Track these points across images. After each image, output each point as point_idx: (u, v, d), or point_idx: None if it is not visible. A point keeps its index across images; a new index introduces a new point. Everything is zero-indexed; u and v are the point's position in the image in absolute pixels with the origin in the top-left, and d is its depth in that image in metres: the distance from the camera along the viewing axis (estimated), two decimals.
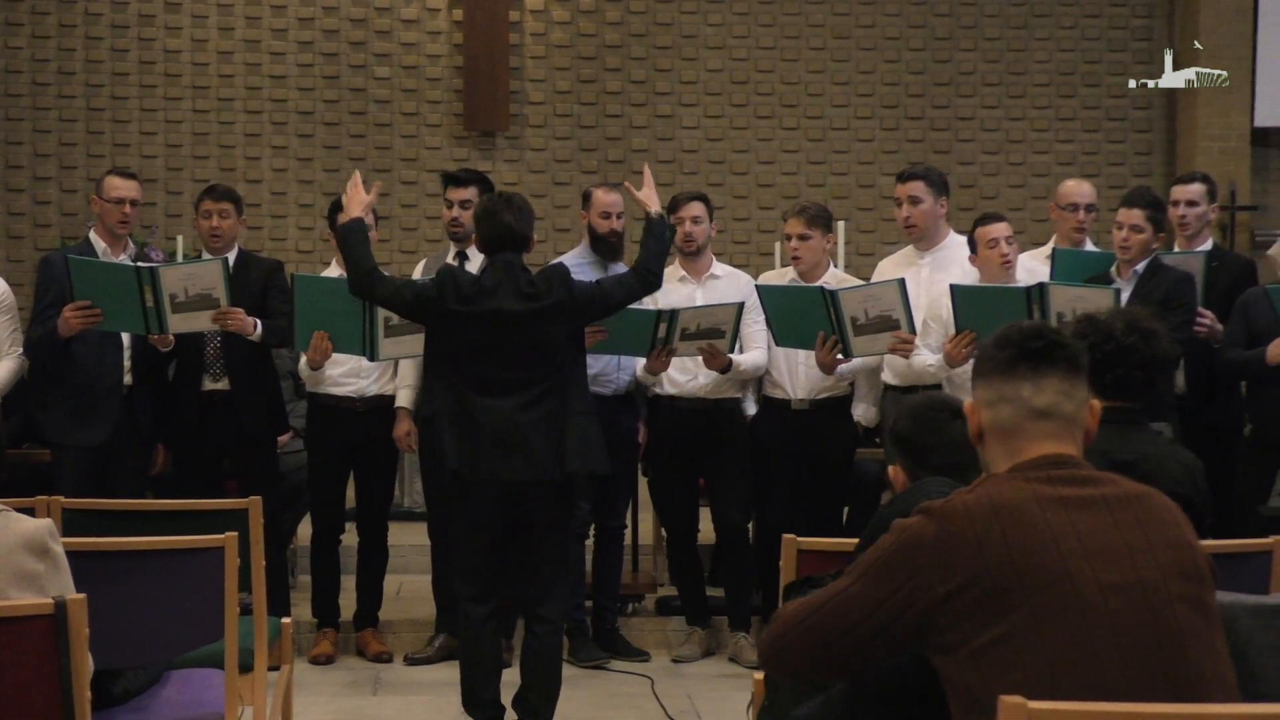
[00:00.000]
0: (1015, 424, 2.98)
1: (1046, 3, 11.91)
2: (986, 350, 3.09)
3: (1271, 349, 6.65)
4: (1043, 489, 2.87)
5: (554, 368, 5.81)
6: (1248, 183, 11.68)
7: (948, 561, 2.81)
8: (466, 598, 5.90)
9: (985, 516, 2.83)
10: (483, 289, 5.79)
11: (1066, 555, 2.78)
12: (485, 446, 5.71)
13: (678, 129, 11.72)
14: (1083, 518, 2.83)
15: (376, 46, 11.57)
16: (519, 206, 5.94)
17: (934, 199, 7.25)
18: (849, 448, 7.47)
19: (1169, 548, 2.85)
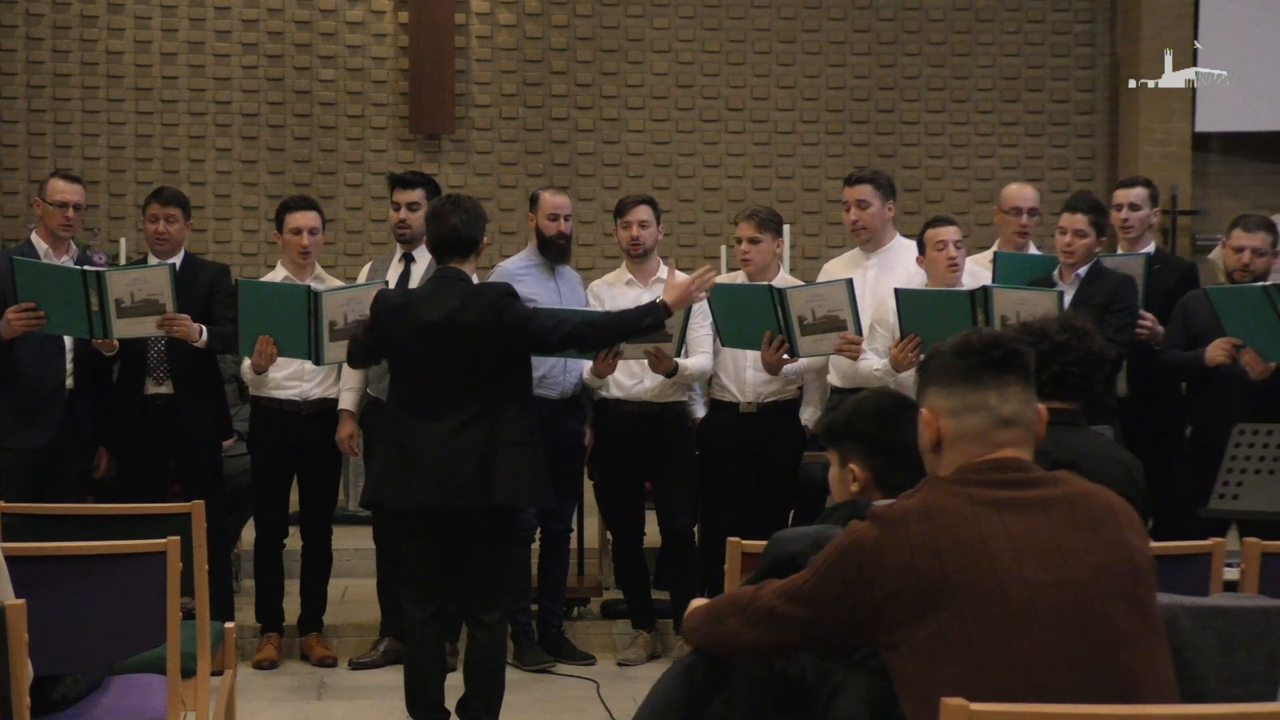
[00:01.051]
0: (982, 432, 3.02)
1: (990, 8, 11.97)
2: (945, 359, 3.09)
3: (1210, 351, 6.69)
4: (979, 492, 2.93)
5: (486, 391, 5.77)
6: (1189, 187, 11.78)
7: (882, 566, 2.90)
8: (409, 601, 5.90)
9: (919, 521, 2.90)
10: (409, 304, 5.80)
11: (994, 555, 2.83)
12: (416, 474, 5.71)
13: (624, 132, 11.73)
14: (1015, 519, 2.88)
15: (321, 49, 11.53)
16: (468, 209, 5.92)
17: (881, 202, 7.28)
18: (796, 451, 7.48)
19: (1105, 547, 2.89)
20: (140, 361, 7.15)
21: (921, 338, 6.57)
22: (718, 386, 7.43)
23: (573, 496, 7.65)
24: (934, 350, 3.17)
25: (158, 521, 4.96)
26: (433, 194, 7.37)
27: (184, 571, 4.58)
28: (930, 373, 3.12)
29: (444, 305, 5.75)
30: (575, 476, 7.64)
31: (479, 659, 5.89)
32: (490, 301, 5.81)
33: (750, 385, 7.33)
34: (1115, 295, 6.83)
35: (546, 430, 7.09)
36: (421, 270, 7.28)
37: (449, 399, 5.74)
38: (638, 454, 7.37)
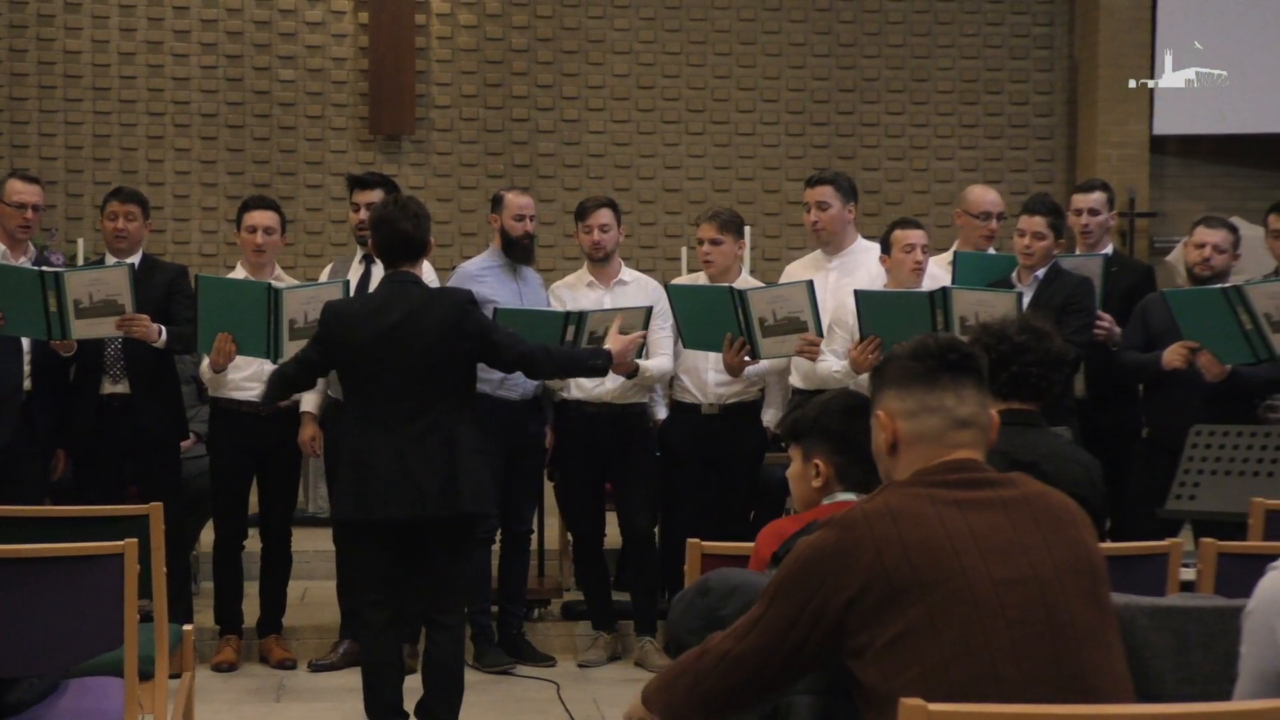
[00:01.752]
0: (939, 433, 3.03)
1: (949, 10, 12.01)
2: (901, 362, 3.11)
3: (1167, 355, 6.73)
4: (939, 493, 2.93)
5: (443, 398, 5.77)
6: (1146, 190, 11.83)
7: (848, 568, 2.87)
8: (366, 605, 5.88)
9: (883, 521, 2.89)
10: (366, 310, 5.78)
11: (961, 552, 2.84)
12: (375, 486, 5.69)
13: (584, 133, 11.72)
14: (978, 518, 2.89)
15: (281, 49, 11.50)
16: (415, 212, 5.90)
17: (842, 204, 7.30)
18: (757, 453, 7.50)
19: (1064, 545, 2.91)
20: (97, 360, 7.12)
21: (881, 339, 6.59)
22: (679, 388, 7.44)
23: (533, 498, 7.65)
24: (889, 355, 3.18)
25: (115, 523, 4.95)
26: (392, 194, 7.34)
27: (142, 574, 4.57)
28: (886, 376, 3.13)
29: (403, 310, 5.73)
30: (536, 478, 7.65)
31: (438, 660, 5.88)
32: (451, 307, 5.81)
33: (711, 387, 7.34)
34: (1072, 297, 6.87)
35: (507, 432, 7.11)
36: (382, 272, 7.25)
37: (407, 407, 5.72)
38: (598, 455, 7.37)
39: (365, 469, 5.71)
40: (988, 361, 4.68)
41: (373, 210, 6.34)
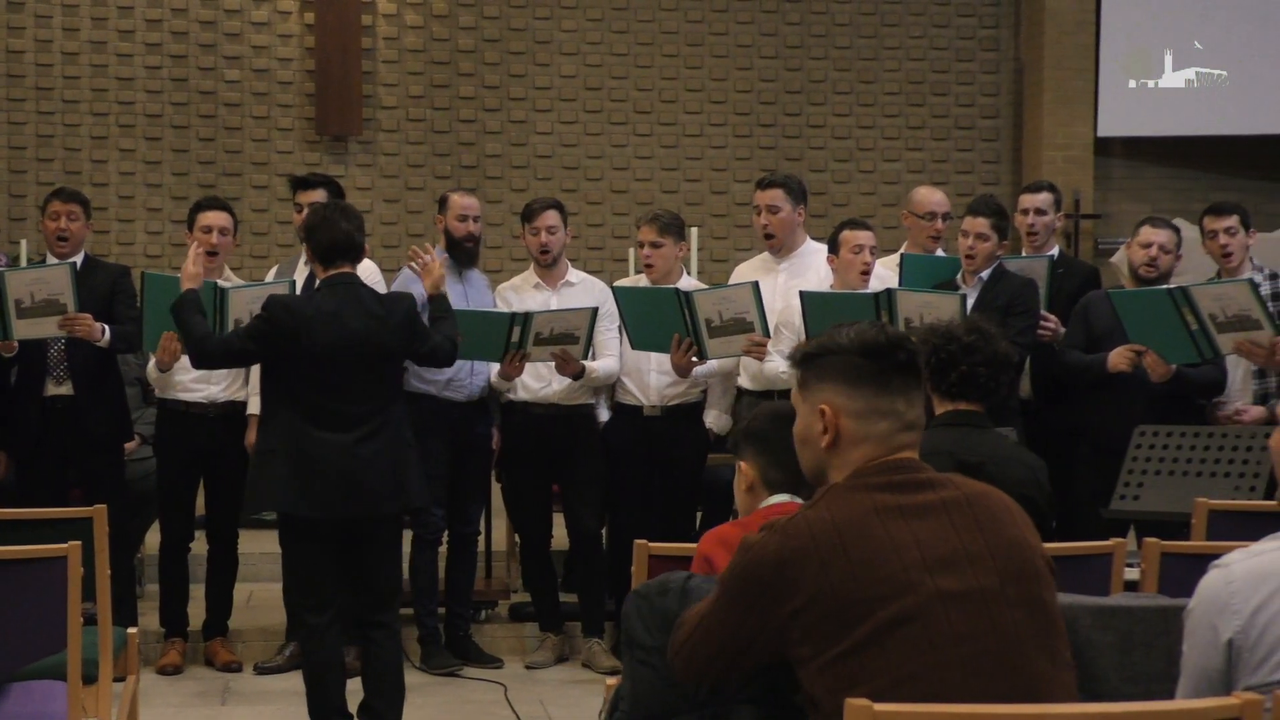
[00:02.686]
0: (886, 437, 2.97)
1: (896, 13, 12.06)
2: (849, 356, 3.00)
3: (1112, 358, 6.77)
4: (883, 498, 2.89)
5: (388, 397, 5.84)
6: (1091, 192, 11.91)
7: (792, 579, 2.84)
8: (306, 608, 5.86)
9: (828, 533, 2.84)
10: (321, 313, 5.74)
11: (909, 567, 2.81)
12: (322, 484, 5.67)
13: (531, 134, 11.71)
14: (922, 526, 2.86)
15: (226, 49, 11.44)
16: (354, 214, 5.95)
17: (792, 207, 7.31)
18: (700, 453, 7.51)
19: (1007, 548, 2.88)
20: (39, 361, 7.07)
21: None
22: (622, 390, 7.44)
23: (480, 499, 7.63)
24: (829, 344, 3.05)
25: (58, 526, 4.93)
26: (334, 195, 7.34)
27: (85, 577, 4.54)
28: (829, 368, 3.02)
29: (366, 317, 5.73)
30: (483, 479, 7.63)
31: (378, 660, 5.87)
32: (407, 312, 5.90)
33: (654, 388, 7.34)
34: (1016, 298, 6.90)
35: (453, 433, 7.11)
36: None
37: (356, 408, 5.73)
38: (545, 456, 7.36)
39: (312, 467, 5.68)
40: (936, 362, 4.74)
41: (307, 215, 6.32)
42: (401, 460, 5.82)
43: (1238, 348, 6.44)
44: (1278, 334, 6.41)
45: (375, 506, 5.77)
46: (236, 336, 6.04)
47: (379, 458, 5.74)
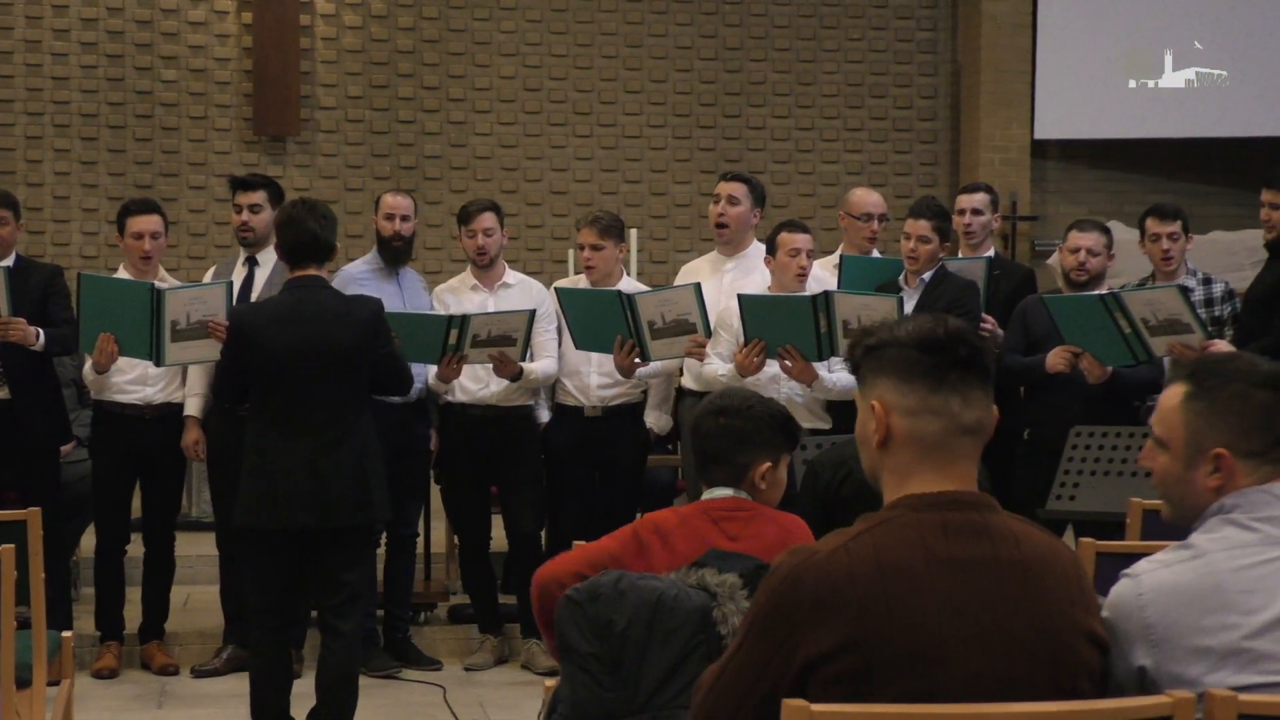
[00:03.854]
0: (942, 439, 2.75)
1: (835, 15, 12.10)
2: (903, 349, 2.79)
3: (1050, 359, 6.81)
4: (935, 542, 2.67)
5: (352, 406, 5.76)
6: (1028, 194, 11.99)
7: (823, 620, 2.62)
8: (257, 611, 5.82)
9: (869, 578, 2.63)
10: (279, 317, 5.71)
11: (946, 639, 2.61)
12: (285, 494, 5.63)
13: (471, 135, 11.70)
14: (970, 589, 2.64)
15: (163, 49, 11.37)
16: (323, 213, 5.89)
17: (750, 205, 7.34)
18: (641, 454, 7.51)
19: (1052, 631, 2.68)
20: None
21: (765, 342, 6.63)
22: (562, 391, 7.44)
23: (419, 501, 7.62)
24: (886, 338, 2.83)
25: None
26: (274, 196, 7.30)
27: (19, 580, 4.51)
28: (884, 362, 2.81)
29: (323, 318, 5.69)
30: (421, 481, 7.61)
31: (332, 667, 5.82)
32: (369, 315, 5.83)
33: (594, 389, 7.35)
34: (958, 300, 6.93)
35: (392, 435, 7.07)
36: (266, 274, 7.21)
37: (317, 414, 5.69)
38: (484, 458, 7.35)
39: (273, 477, 5.65)
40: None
41: (279, 211, 6.30)
42: (367, 471, 5.76)
43: (1170, 350, 6.49)
44: (1208, 337, 6.47)
45: (337, 518, 5.70)
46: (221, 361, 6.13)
47: (343, 467, 5.69)
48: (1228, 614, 2.73)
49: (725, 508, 3.87)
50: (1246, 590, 2.74)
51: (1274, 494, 2.85)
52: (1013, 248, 11.73)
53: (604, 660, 3.37)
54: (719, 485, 3.90)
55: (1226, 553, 2.79)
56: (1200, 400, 2.89)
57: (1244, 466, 2.86)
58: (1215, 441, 2.86)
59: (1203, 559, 2.79)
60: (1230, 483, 2.86)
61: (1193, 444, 2.89)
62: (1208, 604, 2.74)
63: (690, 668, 3.32)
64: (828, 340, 6.57)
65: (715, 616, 3.35)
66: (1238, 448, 2.86)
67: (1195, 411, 2.89)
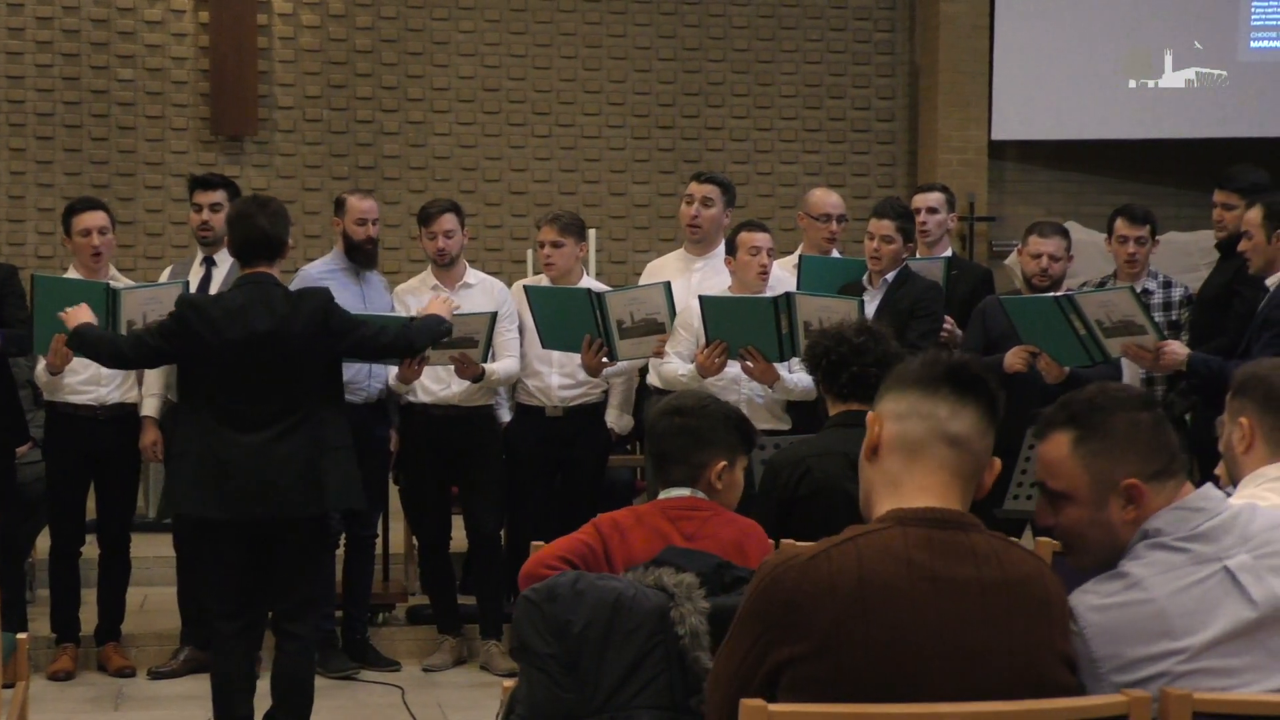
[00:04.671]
0: (922, 442, 2.77)
1: (793, 16, 12.13)
2: (908, 366, 2.86)
3: (1008, 359, 6.84)
4: (920, 557, 2.66)
5: (308, 397, 5.71)
6: (985, 194, 12.04)
7: (798, 624, 2.64)
8: (217, 614, 5.79)
9: (850, 589, 2.63)
10: (228, 311, 5.67)
11: (926, 657, 2.62)
12: (235, 485, 5.60)
13: (429, 135, 11.67)
14: (951, 607, 2.64)
15: (119, 48, 11.31)
16: (274, 210, 5.83)
17: (723, 207, 7.35)
18: (602, 454, 7.52)
19: (1030, 654, 2.69)
20: None
21: (726, 344, 6.64)
22: (523, 391, 7.44)
23: (378, 502, 7.60)
24: (905, 362, 2.93)
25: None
26: (234, 196, 7.28)
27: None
28: (890, 379, 2.88)
29: (271, 314, 5.64)
30: (380, 481, 7.60)
31: (288, 670, 5.80)
32: (316, 308, 5.75)
33: (555, 389, 7.35)
34: (920, 301, 6.96)
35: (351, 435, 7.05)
36: (224, 274, 7.19)
37: (267, 407, 5.64)
38: (445, 458, 7.35)
39: (222, 469, 5.61)
40: (827, 364, 4.79)
41: (231, 207, 6.26)
42: (321, 462, 5.70)
43: (1125, 351, 6.53)
44: (1161, 338, 6.51)
45: (287, 509, 5.66)
46: (149, 334, 5.94)
47: (293, 459, 5.65)
48: (1171, 640, 2.75)
49: (682, 506, 3.88)
50: (1186, 613, 2.76)
51: (1190, 508, 2.87)
52: (970, 248, 11.78)
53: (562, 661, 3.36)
54: (676, 485, 3.90)
55: (1162, 577, 2.80)
56: (1092, 440, 2.89)
57: (1153, 490, 2.87)
58: (1123, 474, 2.87)
59: (1140, 587, 2.80)
60: (1145, 510, 2.87)
61: (1099, 485, 2.89)
62: (1150, 631, 2.76)
63: (648, 668, 3.33)
64: (789, 341, 6.58)
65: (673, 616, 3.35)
66: (1144, 473, 2.87)
67: (1092, 452, 2.89)
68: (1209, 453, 5.60)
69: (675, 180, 10.89)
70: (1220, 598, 2.77)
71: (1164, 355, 6.42)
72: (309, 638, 5.90)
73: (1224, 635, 2.75)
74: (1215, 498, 2.91)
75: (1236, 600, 2.77)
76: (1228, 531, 2.84)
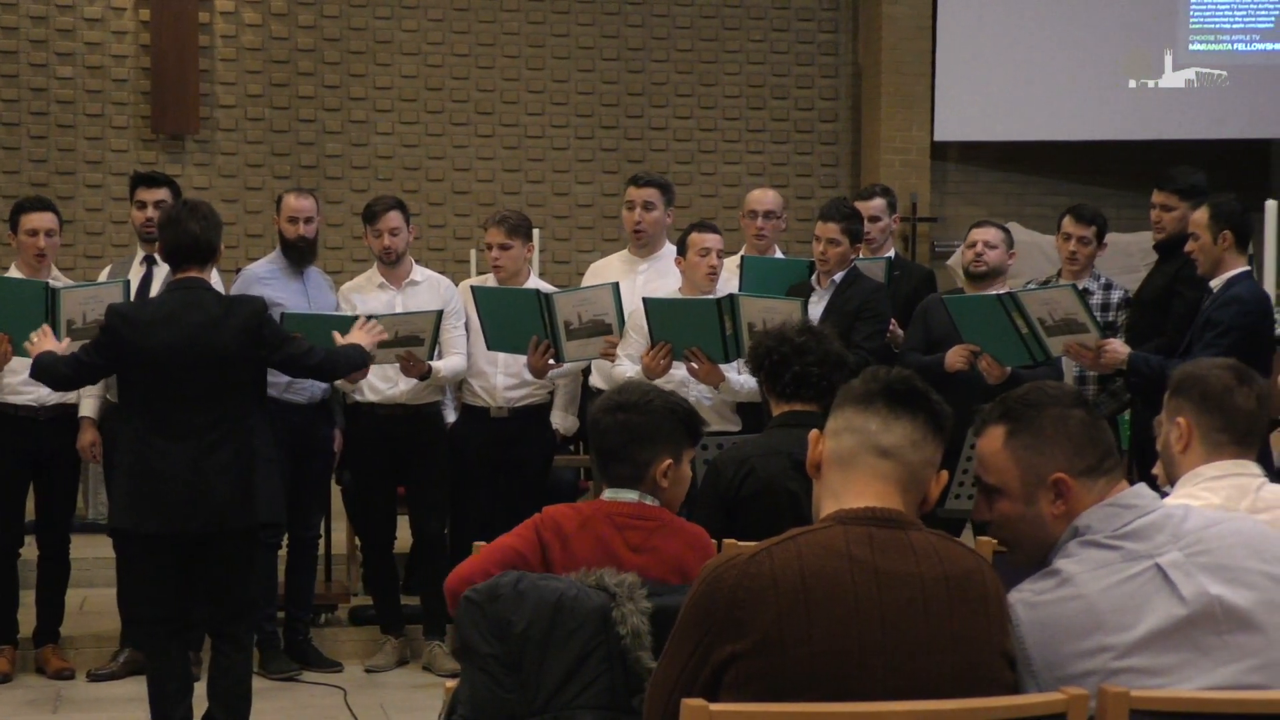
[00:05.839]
0: (854, 454, 2.83)
1: (736, 17, 12.15)
2: (849, 385, 2.93)
3: (949, 357, 6.87)
4: (862, 554, 2.70)
5: (237, 406, 5.67)
6: (928, 195, 12.09)
7: (741, 620, 2.66)
8: (152, 619, 5.76)
9: (792, 585, 2.66)
10: (158, 317, 5.63)
11: (867, 651, 2.65)
12: (169, 497, 5.56)
13: (372, 135, 11.64)
14: (894, 602, 2.68)
15: (59, 45, 11.23)
16: (205, 214, 5.78)
17: (664, 208, 7.36)
18: (547, 455, 7.51)
19: (971, 648, 2.72)
20: None
21: (672, 345, 6.64)
22: (468, 391, 7.43)
23: (321, 503, 7.57)
24: (850, 383, 2.98)
25: None
26: (176, 195, 7.23)
27: None
28: (836, 399, 2.96)
29: (201, 319, 5.60)
30: (324, 482, 7.57)
31: (225, 671, 5.76)
32: (249, 316, 5.71)
33: (500, 390, 7.34)
34: (867, 302, 6.98)
35: (294, 436, 7.03)
36: (165, 273, 7.12)
37: (198, 416, 5.60)
38: (392, 457, 7.32)
39: (155, 480, 5.57)
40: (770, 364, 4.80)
41: (161, 211, 6.22)
42: (252, 473, 5.68)
43: (1067, 349, 6.56)
44: (1103, 337, 6.55)
45: (220, 521, 5.63)
46: (84, 352, 5.89)
47: (225, 469, 5.62)
48: (1103, 636, 2.77)
49: (629, 514, 3.81)
50: (1117, 609, 2.78)
51: (1121, 505, 2.89)
52: (913, 249, 11.83)
53: (504, 661, 3.35)
54: (622, 485, 3.85)
55: (1093, 574, 2.82)
56: (1023, 435, 2.93)
57: (1082, 485, 2.90)
58: (1051, 469, 2.91)
59: (1072, 584, 2.82)
60: (1074, 505, 2.89)
61: (1029, 479, 2.93)
62: (1082, 628, 2.78)
63: (590, 668, 3.32)
64: (734, 342, 6.59)
65: (614, 617, 3.34)
66: (1073, 468, 2.90)
67: (1023, 446, 2.93)
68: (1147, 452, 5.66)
69: (619, 180, 10.88)
70: (1151, 595, 2.80)
71: (1105, 354, 6.46)
72: (246, 639, 5.87)
73: (1155, 632, 2.77)
74: (1147, 496, 2.94)
75: (1167, 598, 2.80)
76: (1160, 530, 2.87)
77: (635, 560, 3.66)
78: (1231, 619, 2.80)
